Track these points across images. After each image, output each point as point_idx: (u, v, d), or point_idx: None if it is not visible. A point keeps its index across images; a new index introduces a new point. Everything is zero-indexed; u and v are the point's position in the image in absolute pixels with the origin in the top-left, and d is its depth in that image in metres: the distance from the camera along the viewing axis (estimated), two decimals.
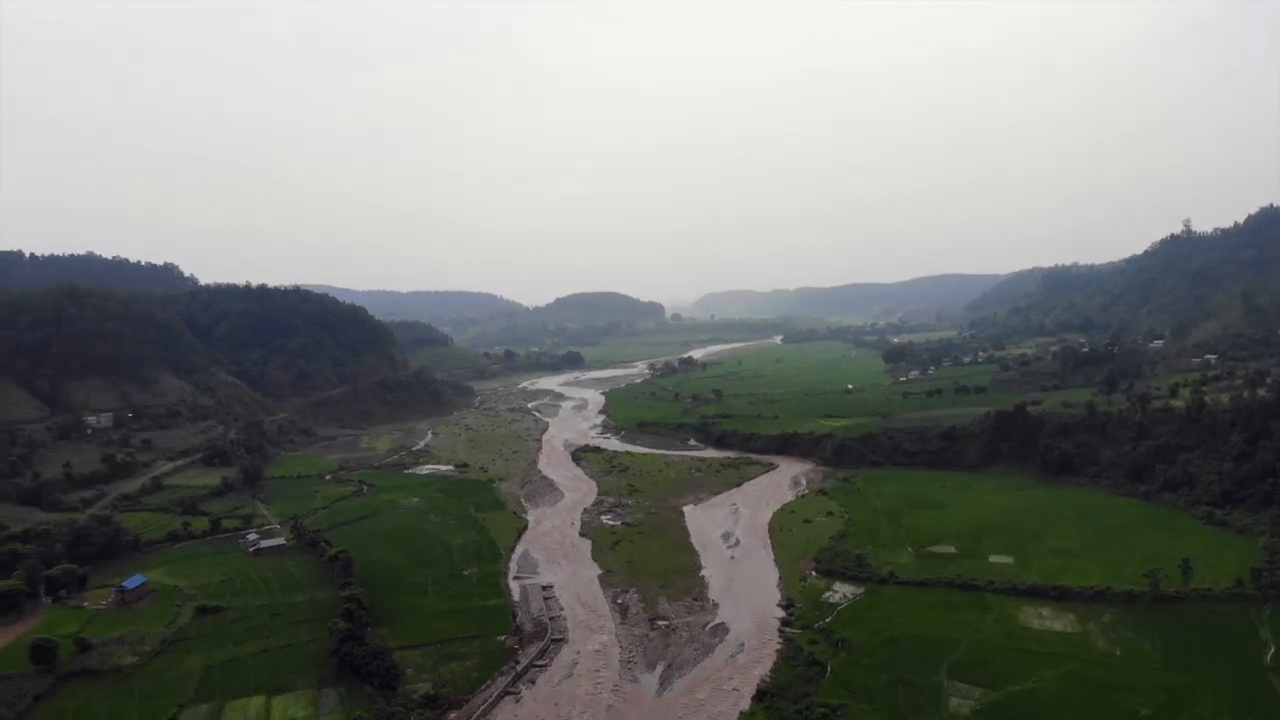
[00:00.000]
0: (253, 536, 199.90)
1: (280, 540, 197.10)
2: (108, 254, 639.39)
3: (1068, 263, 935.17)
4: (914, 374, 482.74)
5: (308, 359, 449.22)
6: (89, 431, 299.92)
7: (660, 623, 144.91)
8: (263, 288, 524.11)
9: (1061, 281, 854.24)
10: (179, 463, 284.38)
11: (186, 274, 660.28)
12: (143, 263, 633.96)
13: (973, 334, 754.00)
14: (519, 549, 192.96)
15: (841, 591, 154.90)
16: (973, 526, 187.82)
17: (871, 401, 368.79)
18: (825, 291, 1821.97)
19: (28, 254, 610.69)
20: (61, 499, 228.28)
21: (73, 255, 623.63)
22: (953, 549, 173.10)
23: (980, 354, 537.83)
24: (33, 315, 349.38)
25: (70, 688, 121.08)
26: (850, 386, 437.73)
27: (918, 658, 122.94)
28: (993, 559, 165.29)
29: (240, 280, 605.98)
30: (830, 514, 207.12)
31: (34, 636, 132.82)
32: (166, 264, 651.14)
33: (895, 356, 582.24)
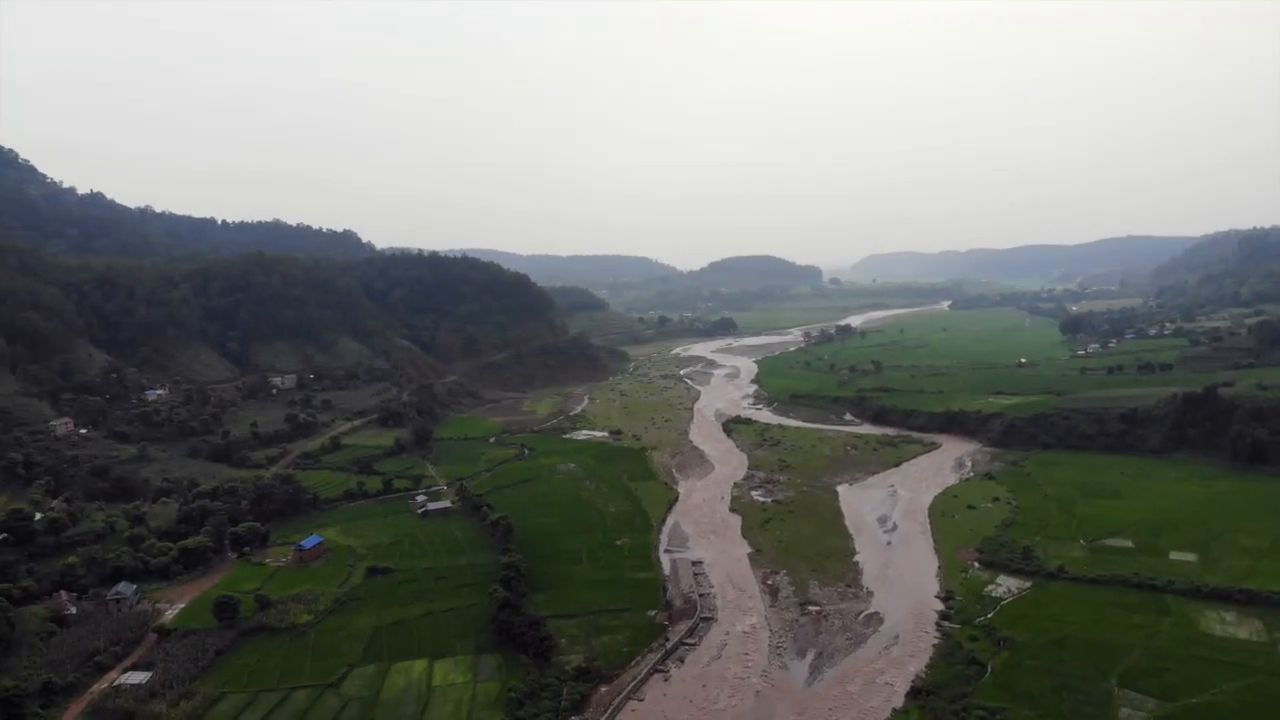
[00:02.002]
0: (421, 498, 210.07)
1: (446, 503, 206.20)
2: (292, 220, 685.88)
3: (1267, 224, 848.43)
4: (1093, 347, 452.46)
5: (475, 324, 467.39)
6: (274, 392, 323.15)
7: (811, 608, 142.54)
8: (434, 255, 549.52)
9: (1260, 246, 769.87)
10: (356, 423, 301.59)
11: (364, 240, 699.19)
12: (324, 229, 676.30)
13: (1159, 303, 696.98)
14: (669, 521, 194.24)
15: (1006, 585, 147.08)
16: (1152, 519, 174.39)
17: (1046, 377, 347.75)
18: (998, 253, 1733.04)
19: (219, 220, 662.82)
20: (248, 456, 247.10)
21: (260, 222, 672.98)
22: (1129, 543, 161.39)
23: (1167, 326, 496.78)
24: (224, 281, 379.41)
25: (250, 643, 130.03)
26: (1023, 360, 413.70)
27: (1086, 662, 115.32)
28: (1173, 556, 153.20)
29: (413, 244, 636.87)
30: (996, 500, 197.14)
31: (219, 593, 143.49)
32: (346, 230, 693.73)
33: (1073, 327, 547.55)
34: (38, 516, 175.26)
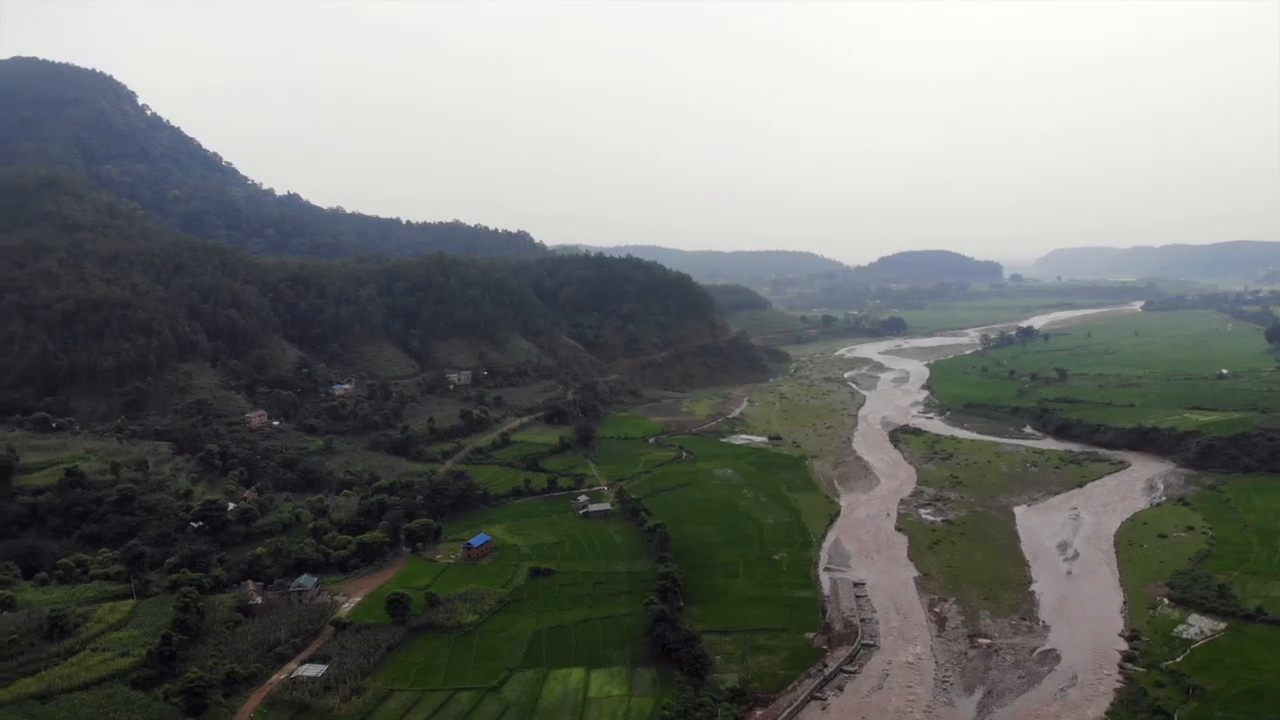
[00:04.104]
0: (583, 499, 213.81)
1: (606, 505, 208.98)
2: (470, 221, 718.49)
3: None
4: None
5: (637, 323, 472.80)
6: (451, 387, 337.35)
7: (982, 640, 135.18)
8: (600, 255, 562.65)
9: None
10: (524, 419, 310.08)
11: (536, 240, 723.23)
12: (499, 230, 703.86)
13: None
14: (830, 537, 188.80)
15: (1198, 626, 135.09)
16: None
17: (1249, 391, 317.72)
18: (1197, 249, 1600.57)
19: (404, 220, 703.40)
20: (425, 450, 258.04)
21: (441, 223, 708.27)
22: None
23: None
24: (408, 281, 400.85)
25: (418, 640, 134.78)
26: (1224, 371, 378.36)
27: None
28: None
29: (582, 241, 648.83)
30: (1190, 529, 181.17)
31: (393, 589, 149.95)
32: (520, 231, 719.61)
33: None
34: (230, 506, 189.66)
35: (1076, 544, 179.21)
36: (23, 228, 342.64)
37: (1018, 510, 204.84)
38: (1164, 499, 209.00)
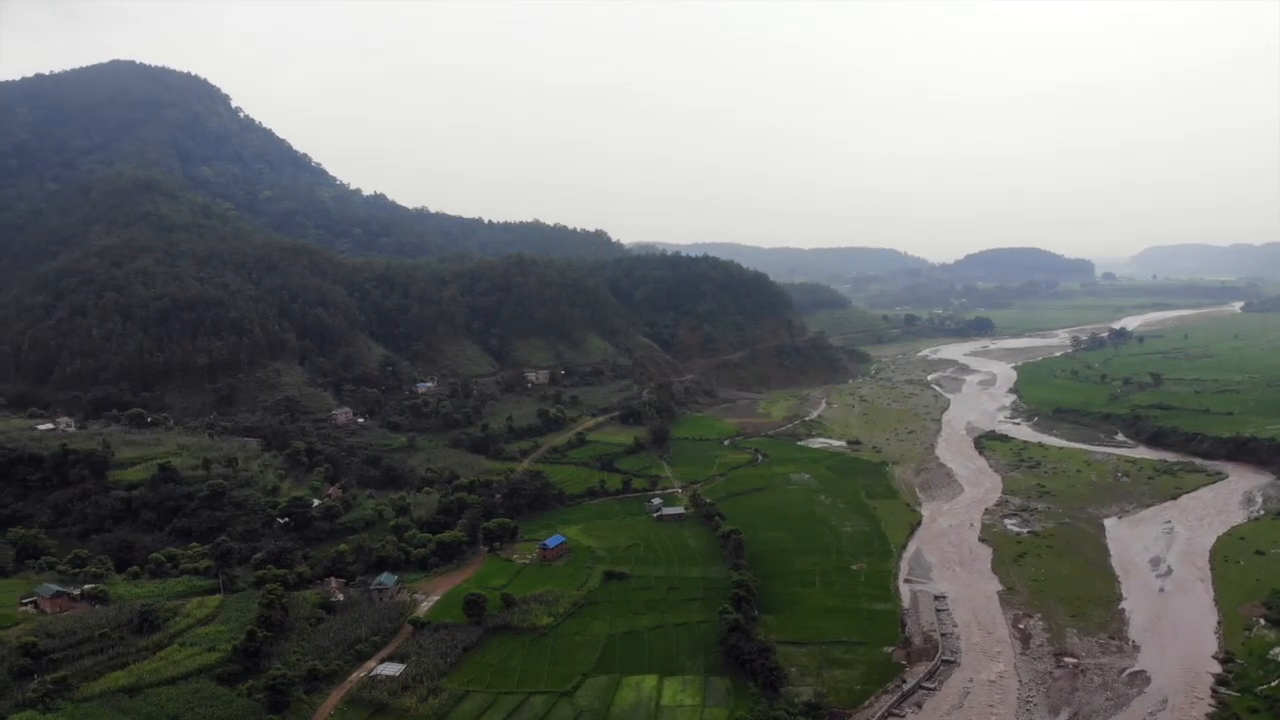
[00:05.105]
0: (656, 501, 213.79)
1: (680, 508, 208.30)
2: (550, 220, 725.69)
3: None
4: None
5: (713, 323, 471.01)
6: (529, 386, 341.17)
7: (1067, 660, 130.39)
8: (676, 255, 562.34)
9: None
10: (600, 419, 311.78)
11: (614, 239, 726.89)
12: (578, 229, 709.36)
13: None
14: (910, 547, 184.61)
15: None
16: None
17: None
18: None
19: (486, 220, 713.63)
20: (503, 448, 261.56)
21: (521, 222, 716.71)
22: None
23: None
24: (488, 282, 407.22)
25: (494, 641, 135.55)
26: None
27: None
28: None
29: (659, 239, 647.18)
30: None
31: (470, 588, 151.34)
32: (598, 230, 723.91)
33: None
34: (315, 503, 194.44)
35: (1169, 559, 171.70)
36: (121, 228, 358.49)
37: (1108, 522, 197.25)
38: (1263, 513, 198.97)
